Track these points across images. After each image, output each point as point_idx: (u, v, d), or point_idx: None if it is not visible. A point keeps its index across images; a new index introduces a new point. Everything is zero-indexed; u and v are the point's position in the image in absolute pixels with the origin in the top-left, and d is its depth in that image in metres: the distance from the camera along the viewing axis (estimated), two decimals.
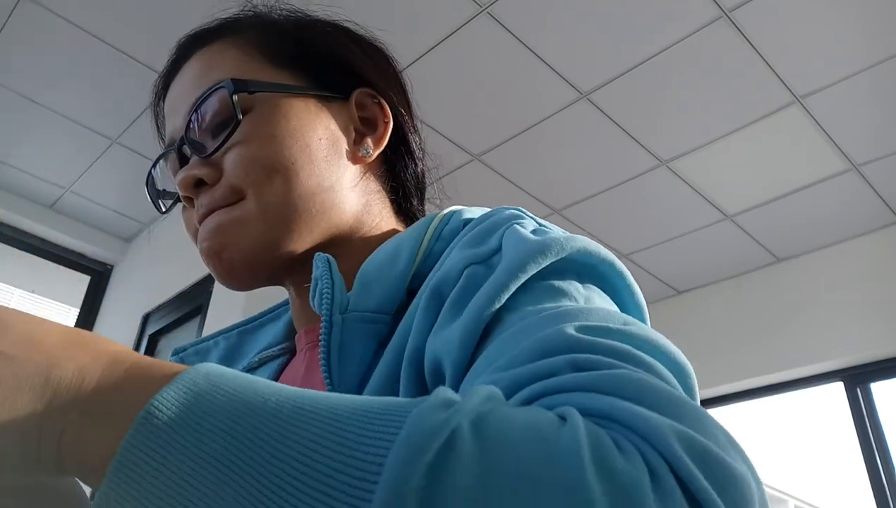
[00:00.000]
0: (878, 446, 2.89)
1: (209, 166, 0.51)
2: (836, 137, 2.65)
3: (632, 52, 2.33)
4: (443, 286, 0.42)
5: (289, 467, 0.23)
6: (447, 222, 0.49)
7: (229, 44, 0.55)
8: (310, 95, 0.54)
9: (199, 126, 0.52)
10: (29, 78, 2.62)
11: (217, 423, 0.25)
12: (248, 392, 0.26)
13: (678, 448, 0.24)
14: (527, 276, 0.38)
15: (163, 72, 0.59)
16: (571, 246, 0.40)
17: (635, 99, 2.51)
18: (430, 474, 0.21)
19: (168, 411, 0.25)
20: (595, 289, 0.41)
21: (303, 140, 0.51)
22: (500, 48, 2.32)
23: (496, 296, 0.38)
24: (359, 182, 0.56)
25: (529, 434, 0.23)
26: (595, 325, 0.33)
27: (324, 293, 0.44)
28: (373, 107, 0.57)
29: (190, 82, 0.54)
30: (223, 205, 0.51)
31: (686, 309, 3.69)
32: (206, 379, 0.27)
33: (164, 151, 0.57)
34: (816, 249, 3.31)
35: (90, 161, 3.04)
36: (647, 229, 3.27)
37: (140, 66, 2.49)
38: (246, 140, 0.50)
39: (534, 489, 0.21)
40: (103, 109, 2.75)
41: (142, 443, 0.25)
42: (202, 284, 2.83)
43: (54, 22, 2.33)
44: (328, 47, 0.57)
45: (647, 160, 2.82)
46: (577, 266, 0.41)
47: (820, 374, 3.19)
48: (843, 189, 2.91)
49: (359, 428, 0.24)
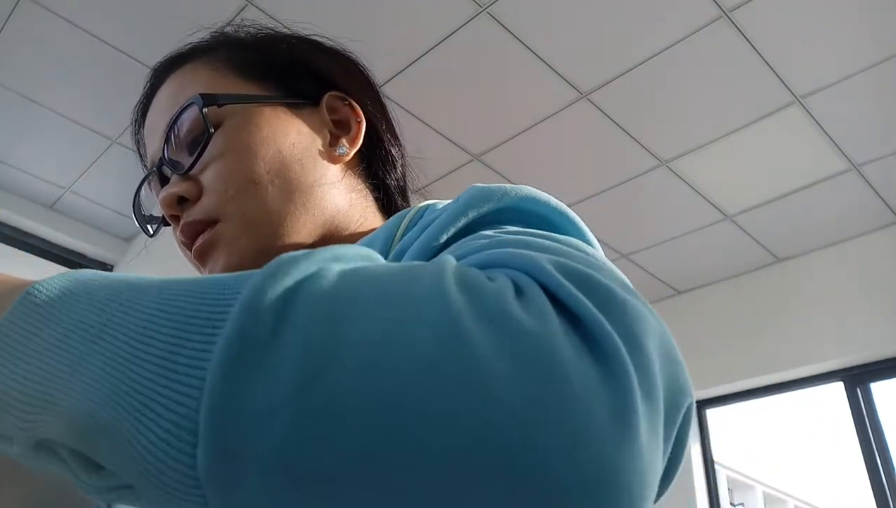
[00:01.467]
0: (878, 446, 2.89)
1: (188, 182, 0.52)
2: (836, 137, 2.65)
3: (632, 52, 2.33)
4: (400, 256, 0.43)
5: (150, 319, 0.25)
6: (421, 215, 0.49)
7: (199, 63, 0.56)
8: (279, 103, 0.55)
9: (175, 144, 0.53)
10: (29, 78, 2.61)
11: (86, 297, 0.28)
12: (121, 278, 0.29)
13: (553, 271, 0.24)
14: (467, 219, 0.38)
15: (139, 100, 0.61)
16: (516, 193, 0.40)
17: (635, 99, 2.51)
18: (292, 290, 0.22)
19: (46, 291, 0.29)
20: (541, 233, 0.39)
21: (275, 146, 0.52)
22: (500, 48, 2.32)
23: (435, 235, 0.38)
24: (340, 180, 0.56)
25: (395, 269, 0.24)
26: (512, 236, 0.32)
27: None
28: (344, 109, 0.58)
29: (164, 104, 0.55)
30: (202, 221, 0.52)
31: (686, 309, 3.69)
32: (90, 272, 0.30)
33: (147, 175, 0.58)
34: (816, 249, 3.31)
35: (90, 161, 3.04)
36: (647, 229, 3.28)
37: (140, 66, 2.49)
38: (221, 153, 0.51)
39: (391, 303, 0.22)
40: (103, 109, 2.75)
41: (22, 316, 0.28)
42: None
43: (54, 22, 2.33)
44: (294, 56, 0.58)
45: (647, 160, 2.82)
46: (526, 215, 0.40)
47: (820, 374, 3.19)
48: (843, 189, 2.91)
49: (228, 278, 0.25)
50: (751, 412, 7.34)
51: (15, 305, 0.28)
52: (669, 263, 3.52)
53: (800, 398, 6.47)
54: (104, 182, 3.19)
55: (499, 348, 0.20)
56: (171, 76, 0.57)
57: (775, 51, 2.29)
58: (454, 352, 0.20)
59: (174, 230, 0.55)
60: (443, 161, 2.82)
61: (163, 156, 0.53)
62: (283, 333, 0.21)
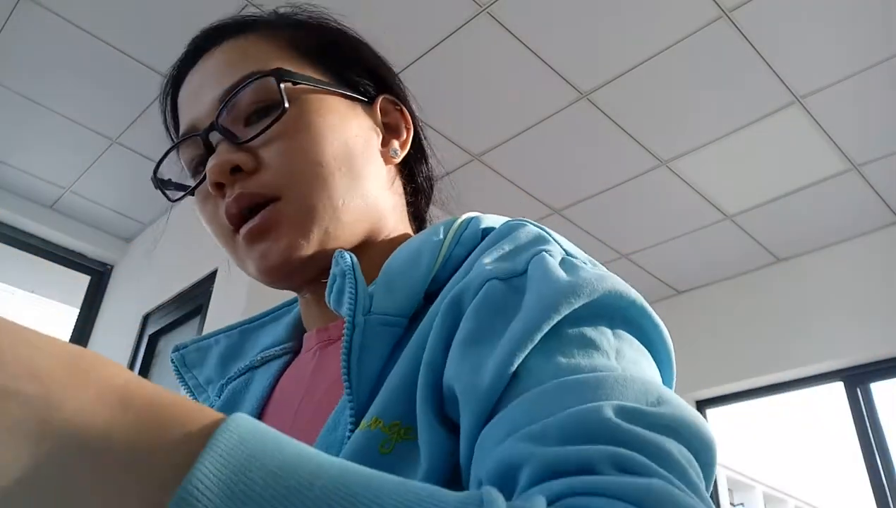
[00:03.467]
0: (878, 446, 2.89)
1: (245, 153, 0.50)
2: (836, 137, 2.65)
3: (632, 52, 2.33)
4: (462, 296, 0.42)
5: None
6: (466, 227, 0.50)
7: (261, 38, 0.55)
8: (344, 95, 0.55)
9: (231, 113, 0.51)
10: (29, 78, 2.62)
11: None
12: (289, 470, 0.23)
13: None
14: (559, 317, 0.38)
15: (178, 61, 0.58)
16: (602, 287, 0.40)
17: (635, 99, 2.51)
18: None
19: (207, 493, 0.21)
20: (625, 337, 0.40)
21: (342, 136, 0.52)
22: (500, 48, 2.32)
23: (527, 338, 0.37)
24: (392, 181, 0.58)
25: None
26: (631, 408, 0.33)
27: (346, 293, 0.44)
28: (395, 113, 0.59)
29: (219, 69, 0.53)
30: (261, 194, 0.50)
31: (686, 309, 3.69)
32: (243, 448, 0.23)
33: (184, 137, 0.54)
34: (816, 249, 3.31)
35: (90, 161, 3.04)
36: (647, 229, 3.28)
37: (140, 66, 2.49)
38: (289, 132, 0.50)
39: None
40: (103, 109, 2.75)
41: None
42: (202, 284, 2.83)
43: (54, 22, 2.33)
44: (358, 53, 0.59)
45: (647, 160, 2.82)
46: (608, 310, 0.40)
47: (820, 374, 3.19)
48: (843, 189, 2.91)
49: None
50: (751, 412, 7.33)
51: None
52: (669, 263, 3.52)
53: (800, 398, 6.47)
54: (104, 182, 3.19)
55: None
56: (224, 43, 0.55)
57: (775, 51, 2.29)
58: None
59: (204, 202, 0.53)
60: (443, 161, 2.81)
61: (215, 122, 0.51)
62: None
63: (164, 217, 3.37)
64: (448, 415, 0.39)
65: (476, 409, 0.36)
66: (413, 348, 0.43)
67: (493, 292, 0.41)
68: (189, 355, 0.61)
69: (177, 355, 0.61)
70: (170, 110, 0.60)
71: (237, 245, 0.52)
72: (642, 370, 0.38)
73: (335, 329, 0.54)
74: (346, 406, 0.41)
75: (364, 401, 0.41)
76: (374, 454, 0.38)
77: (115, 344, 3.29)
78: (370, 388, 0.43)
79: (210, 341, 0.63)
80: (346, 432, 0.40)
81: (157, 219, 3.43)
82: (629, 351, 0.39)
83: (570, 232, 3.21)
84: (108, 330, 3.49)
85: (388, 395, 0.41)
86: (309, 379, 0.52)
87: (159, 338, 3.13)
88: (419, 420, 0.38)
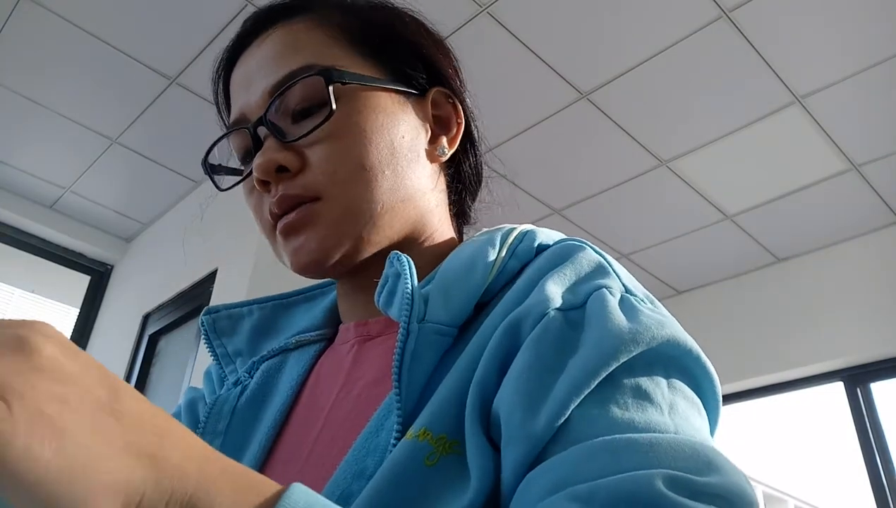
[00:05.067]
0: (878, 446, 2.89)
1: (291, 153, 0.50)
2: (836, 137, 2.65)
3: (632, 52, 2.33)
4: (521, 323, 0.41)
5: None
6: (521, 240, 0.49)
7: (313, 23, 0.53)
8: (394, 90, 0.53)
9: (280, 107, 0.51)
10: (29, 78, 2.62)
11: None
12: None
13: None
14: (616, 364, 0.38)
15: (232, 42, 0.57)
16: (661, 336, 0.39)
17: (635, 99, 2.51)
18: None
19: None
20: (679, 388, 0.40)
21: (389, 137, 0.51)
22: (500, 48, 2.32)
23: (584, 384, 0.37)
24: (436, 182, 0.56)
25: None
26: (681, 478, 0.32)
27: (403, 299, 0.44)
28: (447, 107, 0.57)
29: (270, 58, 0.52)
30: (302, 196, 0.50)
31: (686, 309, 3.69)
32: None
33: (233, 128, 0.54)
34: (816, 249, 3.31)
35: (90, 161, 3.04)
36: (647, 229, 3.28)
37: (140, 66, 2.49)
38: (335, 133, 0.50)
39: None
40: (103, 109, 2.75)
41: None
42: (202, 284, 2.83)
43: (54, 22, 2.33)
44: (413, 42, 0.56)
45: (647, 160, 2.82)
46: (664, 359, 0.40)
47: (820, 374, 3.19)
48: (843, 189, 2.91)
49: None
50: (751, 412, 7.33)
51: None
52: (669, 263, 3.52)
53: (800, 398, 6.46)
54: (104, 182, 3.19)
55: None
56: (278, 26, 0.54)
57: (775, 51, 2.29)
58: None
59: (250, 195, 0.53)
60: None
61: (263, 117, 0.50)
62: None
63: (162, 217, 3.37)
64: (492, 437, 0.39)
65: (525, 449, 0.36)
66: (465, 362, 0.42)
67: (552, 325, 0.40)
68: (220, 321, 0.60)
69: (208, 318, 0.60)
70: (222, 92, 0.59)
71: (276, 239, 0.52)
72: (693, 426, 0.37)
73: (375, 325, 0.53)
74: (394, 412, 0.41)
75: (411, 410, 0.41)
76: (420, 465, 0.38)
77: (114, 344, 3.30)
78: (417, 396, 0.42)
79: (243, 310, 0.61)
80: (392, 439, 0.40)
81: (157, 219, 3.43)
82: (682, 404, 0.39)
83: (570, 232, 3.21)
84: (108, 330, 3.49)
85: (438, 407, 0.40)
86: (346, 374, 0.52)
87: (159, 338, 3.13)
88: (468, 438, 0.38)
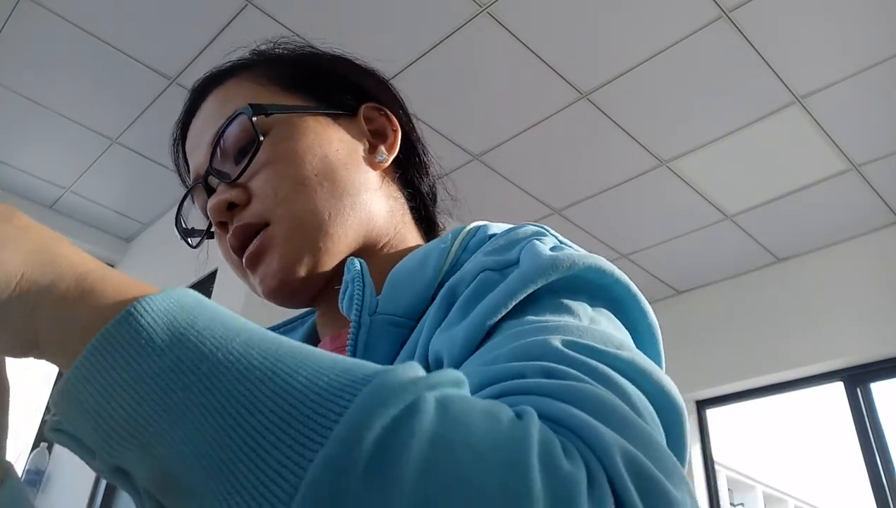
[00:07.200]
0: (878, 446, 2.89)
1: (237, 189, 0.54)
2: (836, 137, 2.65)
3: (632, 52, 2.33)
4: (457, 286, 0.44)
5: (255, 388, 0.25)
6: (474, 235, 0.51)
7: (242, 79, 0.58)
8: (321, 113, 0.57)
9: (221, 154, 0.55)
10: (29, 78, 2.61)
11: (194, 336, 0.27)
12: (228, 319, 0.29)
13: (619, 464, 0.25)
14: (535, 287, 0.39)
15: (180, 117, 0.63)
16: (583, 262, 0.41)
17: (635, 99, 2.51)
18: (390, 427, 0.23)
19: (150, 314, 0.27)
20: (605, 312, 0.41)
21: (321, 152, 0.55)
22: (500, 48, 2.32)
23: (503, 303, 0.39)
24: (381, 186, 0.59)
25: (487, 420, 0.24)
26: (584, 343, 0.34)
27: (354, 295, 0.47)
28: (380, 118, 0.61)
29: (208, 118, 0.57)
30: (254, 224, 0.53)
31: (686, 309, 3.69)
32: (193, 298, 0.29)
33: (191, 187, 0.59)
34: (816, 249, 3.31)
35: (90, 161, 3.04)
36: (647, 229, 3.28)
37: (140, 66, 2.49)
38: (270, 160, 0.53)
39: (480, 466, 0.23)
40: (103, 109, 2.75)
41: (122, 335, 0.27)
42: (202, 284, 2.83)
43: (54, 22, 2.33)
44: (332, 70, 0.61)
45: (647, 160, 2.82)
46: (591, 286, 0.41)
47: (820, 374, 3.19)
48: (843, 189, 2.91)
49: (333, 373, 0.25)
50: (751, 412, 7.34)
51: (117, 321, 0.27)
52: (669, 263, 3.52)
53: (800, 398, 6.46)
54: (104, 182, 3.19)
55: None
56: (213, 92, 0.59)
57: (775, 51, 2.29)
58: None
59: (219, 240, 0.57)
60: (443, 161, 2.81)
61: (210, 167, 0.55)
62: (378, 473, 0.22)
63: (163, 216, 3.37)
64: None
65: (451, 360, 0.38)
66: (411, 342, 0.44)
67: (485, 281, 0.42)
68: None
69: None
70: (182, 162, 0.63)
71: (246, 273, 0.55)
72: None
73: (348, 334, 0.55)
74: None
75: None
76: None
77: None
78: None
79: None
80: None
81: (157, 219, 3.43)
82: (606, 323, 0.40)
83: (570, 232, 3.21)
84: None
85: None
86: None
87: None
88: None
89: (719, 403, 3.52)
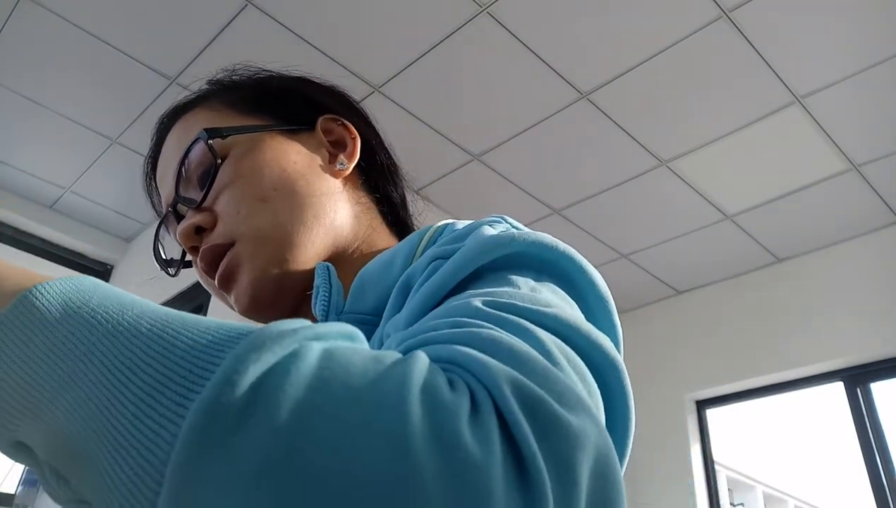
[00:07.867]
0: (878, 446, 2.89)
1: (203, 213, 0.55)
2: (836, 137, 2.65)
3: (632, 52, 2.33)
4: (411, 278, 0.45)
5: (140, 352, 0.26)
6: (441, 232, 0.52)
7: (200, 109, 0.60)
8: (277, 131, 0.59)
9: (186, 182, 0.57)
10: (29, 78, 2.61)
11: (87, 312, 0.28)
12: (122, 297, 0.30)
13: (507, 391, 0.25)
14: (477, 264, 0.40)
15: (148, 153, 0.65)
16: (524, 239, 0.41)
17: (635, 99, 2.51)
18: (268, 371, 0.23)
19: (47, 295, 0.29)
20: (550, 285, 0.41)
21: (279, 166, 0.56)
22: (500, 48, 2.32)
23: (446, 282, 0.40)
24: (343, 192, 0.59)
25: (370, 363, 0.25)
26: (503, 301, 0.34)
27: (321, 296, 0.49)
28: (338, 129, 0.62)
29: (172, 149, 0.59)
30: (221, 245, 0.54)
31: (686, 309, 3.69)
32: (92, 281, 0.31)
33: (162, 218, 0.61)
34: (816, 249, 3.31)
35: (90, 161, 3.04)
36: (647, 229, 3.28)
37: (140, 66, 2.49)
38: (230, 180, 0.55)
39: (356, 404, 0.23)
40: (103, 109, 2.75)
41: (17, 317, 0.29)
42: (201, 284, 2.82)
43: (54, 22, 2.33)
44: (286, 88, 0.63)
45: (647, 160, 2.82)
46: (535, 261, 0.41)
47: (820, 374, 3.19)
48: (843, 189, 2.91)
49: (218, 332, 0.26)
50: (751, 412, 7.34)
51: (14, 304, 0.29)
52: (669, 263, 3.52)
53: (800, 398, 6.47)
54: (104, 182, 3.19)
55: (439, 477, 0.22)
56: (174, 126, 0.61)
57: (775, 51, 2.29)
58: (398, 474, 0.21)
59: (195, 264, 0.58)
60: (443, 161, 2.82)
61: (177, 195, 0.56)
62: (252, 415, 0.22)
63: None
64: None
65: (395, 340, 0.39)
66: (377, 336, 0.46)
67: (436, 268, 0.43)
68: None
69: None
70: (155, 194, 0.66)
71: (223, 294, 0.57)
72: None
73: None
74: None
75: None
76: None
77: None
78: None
79: None
80: None
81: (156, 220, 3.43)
82: (549, 294, 0.39)
83: (570, 232, 3.21)
84: None
85: None
86: None
87: None
88: None
89: (719, 403, 3.52)
